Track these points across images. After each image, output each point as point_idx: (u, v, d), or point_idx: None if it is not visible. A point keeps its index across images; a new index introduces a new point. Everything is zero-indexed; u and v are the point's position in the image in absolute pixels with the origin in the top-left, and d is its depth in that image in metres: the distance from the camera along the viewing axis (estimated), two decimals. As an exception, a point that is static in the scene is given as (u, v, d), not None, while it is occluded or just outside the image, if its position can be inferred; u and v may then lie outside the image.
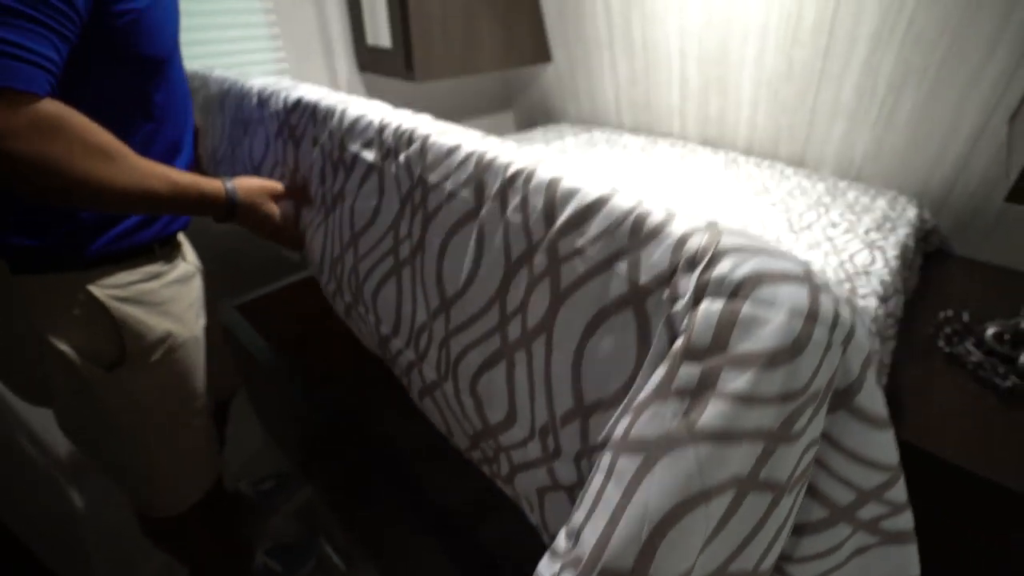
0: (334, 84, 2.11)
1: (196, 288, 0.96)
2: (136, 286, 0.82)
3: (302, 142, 0.96)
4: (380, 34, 1.99)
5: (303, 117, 0.96)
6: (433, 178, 0.66)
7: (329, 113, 0.89)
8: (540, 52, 2.41)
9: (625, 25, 2.06)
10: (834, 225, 1.42)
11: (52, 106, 0.59)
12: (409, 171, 0.70)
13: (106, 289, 0.78)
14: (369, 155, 0.79)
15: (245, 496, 1.61)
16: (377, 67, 2.11)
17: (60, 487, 1.36)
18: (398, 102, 0.93)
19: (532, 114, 2.76)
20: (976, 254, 1.70)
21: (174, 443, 0.92)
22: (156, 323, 0.84)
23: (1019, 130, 1.42)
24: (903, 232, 1.41)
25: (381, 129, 0.77)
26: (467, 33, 2.09)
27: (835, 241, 1.33)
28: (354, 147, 0.82)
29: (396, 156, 0.73)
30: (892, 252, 1.29)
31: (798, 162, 1.90)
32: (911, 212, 1.55)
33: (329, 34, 2.04)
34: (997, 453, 0.98)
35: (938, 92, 1.50)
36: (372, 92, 2.22)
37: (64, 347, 0.78)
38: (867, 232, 1.38)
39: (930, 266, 1.64)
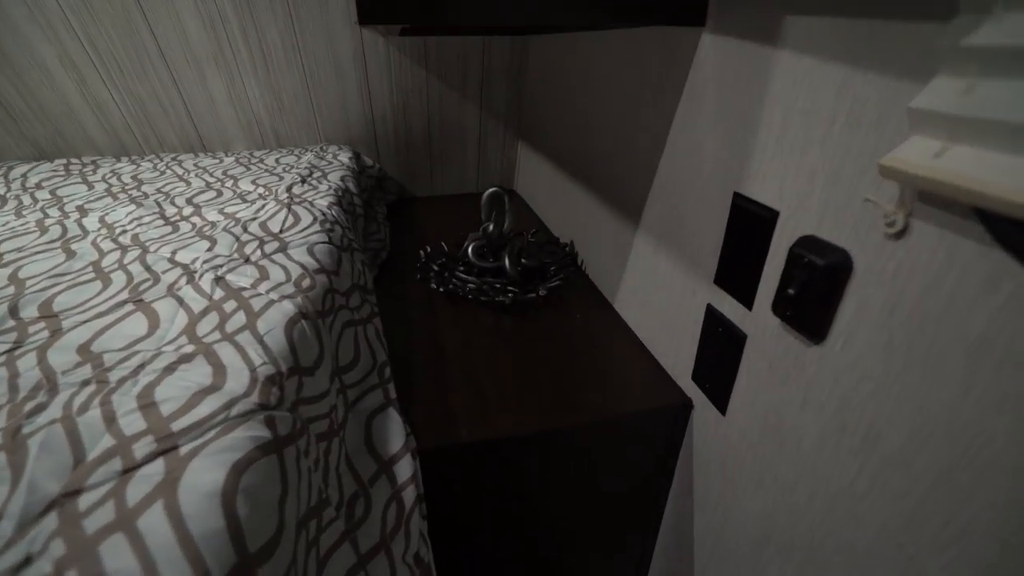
0: None
1: None
2: None
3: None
4: None
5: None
6: None
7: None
8: None
9: None
10: (244, 196, 0.92)
11: None
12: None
13: None
14: None
15: None
16: None
17: None
18: None
19: None
20: (430, 191, 1.59)
21: None
22: None
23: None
24: (337, 175, 1.05)
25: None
26: None
27: (240, 214, 0.82)
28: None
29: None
30: (325, 201, 0.88)
31: (197, 147, 1.35)
32: (344, 156, 1.23)
33: None
34: (538, 382, 0.71)
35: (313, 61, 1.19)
36: None
37: None
38: (289, 189, 0.94)
39: (397, 214, 1.42)
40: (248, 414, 0.39)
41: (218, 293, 0.55)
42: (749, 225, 0.53)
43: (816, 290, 0.44)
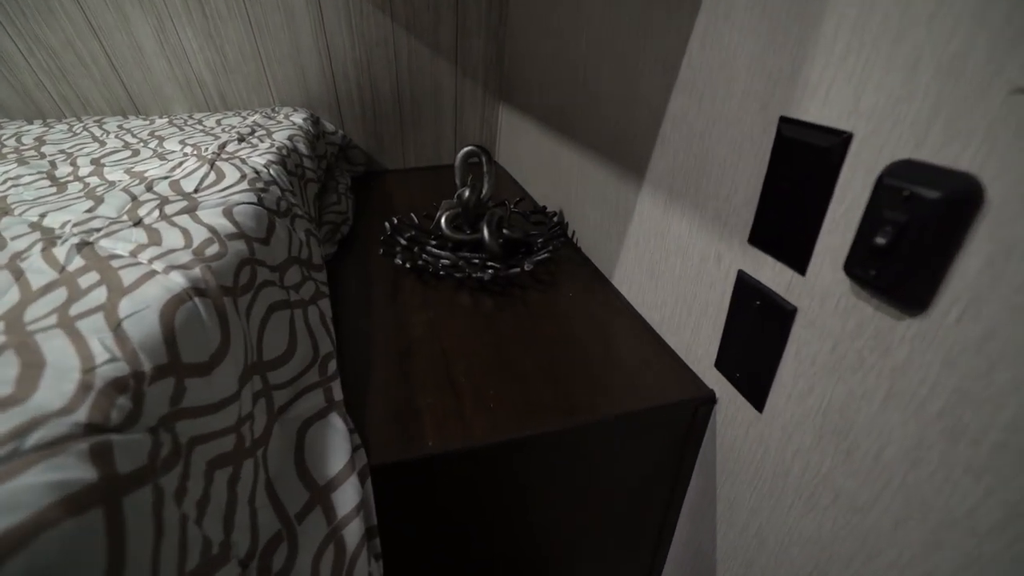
0: None
1: None
2: None
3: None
4: None
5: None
6: None
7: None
8: None
9: None
10: (164, 156, 0.76)
11: None
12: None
13: None
14: None
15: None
16: None
17: None
18: None
19: None
20: (402, 163, 1.43)
21: None
22: None
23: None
24: (284, 135, 0.89)
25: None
26: None
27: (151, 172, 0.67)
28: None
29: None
30: (262, 159, 0.72)
31: (129, 109, 1.17)
32: (298, 117, 1.06)
33: None
34: (523, 369, 0.57)
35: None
36: None
37: None
38: (221, 148, 0.78)
39: (364, 188, 1.26)
40: (56, 444, 0.24)
41: (76, 263, 0.40)
42: (804, 158, 0.39)
43: (923, 237, 0.30)
